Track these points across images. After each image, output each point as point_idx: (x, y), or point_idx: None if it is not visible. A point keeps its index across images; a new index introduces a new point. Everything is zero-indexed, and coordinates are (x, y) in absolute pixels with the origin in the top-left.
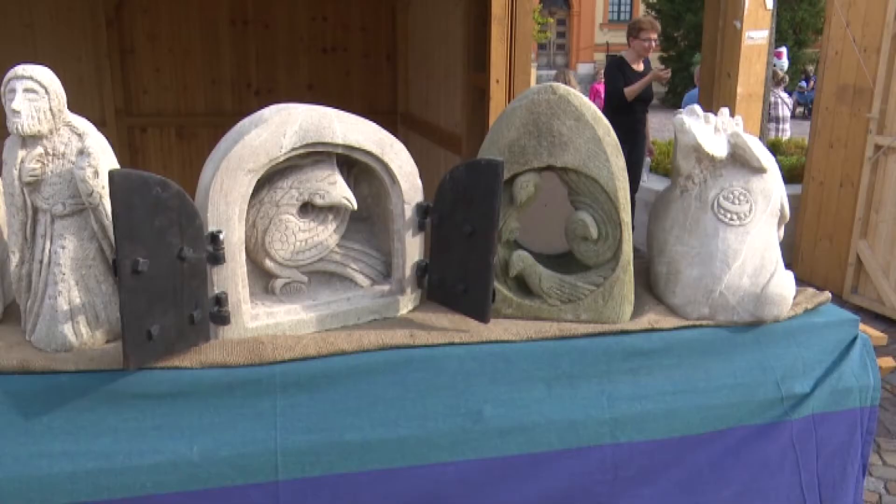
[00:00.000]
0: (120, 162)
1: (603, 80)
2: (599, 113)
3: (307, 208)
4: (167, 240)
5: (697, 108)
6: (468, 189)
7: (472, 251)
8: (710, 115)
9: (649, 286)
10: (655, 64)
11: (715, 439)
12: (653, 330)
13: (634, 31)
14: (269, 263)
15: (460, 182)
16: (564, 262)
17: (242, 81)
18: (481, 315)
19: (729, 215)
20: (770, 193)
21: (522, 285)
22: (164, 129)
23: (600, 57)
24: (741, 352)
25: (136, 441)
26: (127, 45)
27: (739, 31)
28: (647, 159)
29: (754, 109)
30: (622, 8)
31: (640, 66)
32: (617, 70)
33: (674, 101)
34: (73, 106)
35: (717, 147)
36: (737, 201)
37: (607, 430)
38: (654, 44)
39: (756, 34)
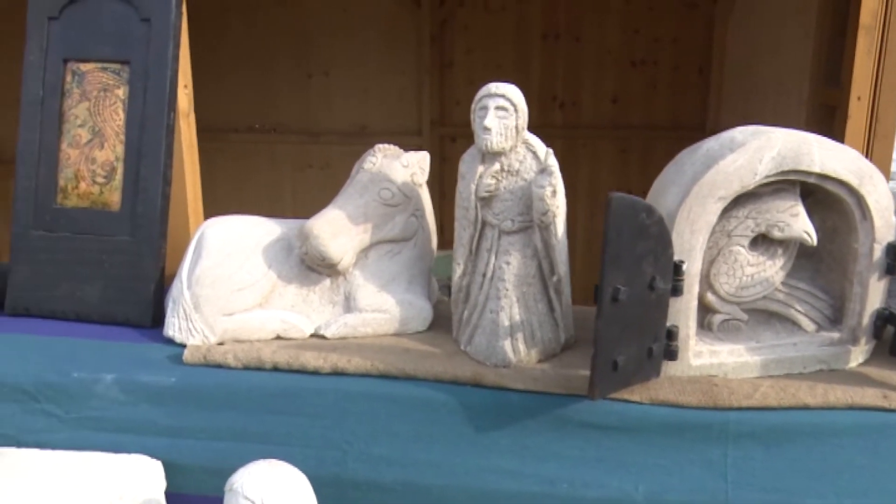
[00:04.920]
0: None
1: None
2: None
3: (757, 240)
4: (642, 268)
5: None
6: None
7: None
8: None
9: None
10: None
11: None
12: None
13: None
14: (710, 297)
15: None
16: None
17: (548, 94)
18: None
19: None
20: None
21: None
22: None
23: None
24: None
25: (580, 471)
26: (447, 59)
27: None
28: None
29: None
30: None
31: None
32: None
33: None
34: (394, 116)
35: None
36: None
37: None
38: None
39: None
